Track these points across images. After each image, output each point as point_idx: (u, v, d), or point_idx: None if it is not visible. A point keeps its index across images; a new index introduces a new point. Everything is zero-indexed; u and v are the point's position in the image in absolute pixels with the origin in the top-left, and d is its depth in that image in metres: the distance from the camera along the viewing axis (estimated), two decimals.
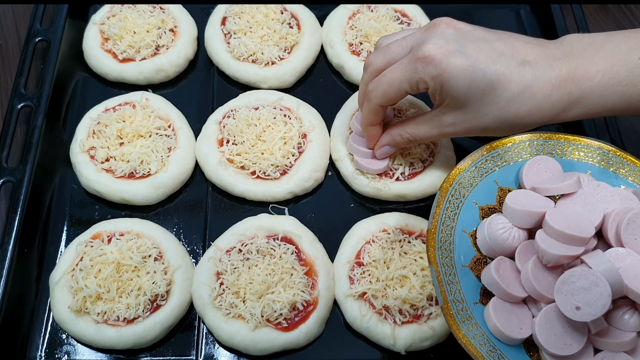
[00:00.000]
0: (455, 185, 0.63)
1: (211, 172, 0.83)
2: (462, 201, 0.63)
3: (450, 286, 0.57)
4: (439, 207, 0.61)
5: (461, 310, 0.57)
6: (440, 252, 0.59)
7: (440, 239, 0.60)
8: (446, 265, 0.59)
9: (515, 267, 0.60)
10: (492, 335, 0.57)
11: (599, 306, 0.52)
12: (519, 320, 0.57)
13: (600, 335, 0.56)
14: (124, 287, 0.72)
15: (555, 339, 0.55)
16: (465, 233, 0.62)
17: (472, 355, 0.54)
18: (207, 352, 0.74)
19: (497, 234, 0.60)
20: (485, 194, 0.65)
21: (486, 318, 0.58)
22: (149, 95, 0.89)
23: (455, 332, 0.55)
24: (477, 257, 0.62)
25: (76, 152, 0.83)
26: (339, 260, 0.77)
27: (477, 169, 0.65)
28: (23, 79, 0.87)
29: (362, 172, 0.83)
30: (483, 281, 0.60)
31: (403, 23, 0.96)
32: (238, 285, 0.72)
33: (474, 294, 0.59)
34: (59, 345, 0.74)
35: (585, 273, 0.53)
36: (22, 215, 0.77)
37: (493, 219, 0.61)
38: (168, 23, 0.95)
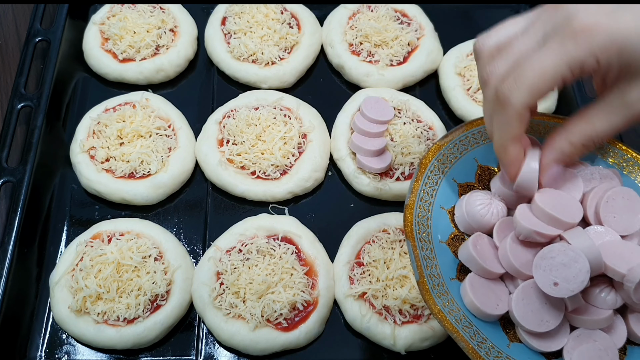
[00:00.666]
0: (434, 162, 0.62)
1: (211, 172, 0.83)
2: (441, 177, 0.62)
3: (426, 261, 0.57)
4: (417, 182, 0.60)
5: (437, 286, 0.56)
6: (418, 227, 0.58)
7: (418, 214, 0.59)
8: (423, 240, 0.58)
9: (492, 244, 0.59)
10: (468, 311, 0.56)
11: (577, 282, 0.52)
12: (496, 297, 0.57)
13: (577, 312, 0.56)
14: (124, 287, 0.72)
15: (531, 316, 0.55)
16: (443, 209, 0.62)
17: (448, 331, 0.53)
18: (207, 352, 0.74)
19: (476, 209, 0.59)
20: (464, 171, 0.64)
21: (462, 294, 0.57)
22: (149, 95, 0.89)
23: (430, 307, 0.54)
24: (455, 234, 0.61)
25: (76, 152, 0.83)
26: (339, 260, 0.77)
27: (456, 146, 0.64)
28: (23, 79, 0.87)
29: (363, 172, 0.83)
30: (460, 257, 0.59)
31: (403, 23, 0.96)
32: (238, 285, 0.72)
33: (451, 270, 0.59)
34: (59, 345, 0.74)
35: (564, 249, 0.53)
36: (22, 215, 0.77)
37: (472, 195, 0.61)
38: (168, 23, 0.95)
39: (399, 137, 0.85)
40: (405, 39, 0.94)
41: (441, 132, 0.87)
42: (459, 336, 0.53)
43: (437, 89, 0.96)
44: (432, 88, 0.96)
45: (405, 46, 0.94)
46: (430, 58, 0.95)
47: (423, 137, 0.85)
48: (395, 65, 0.93)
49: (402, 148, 0.83)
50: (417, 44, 0.95)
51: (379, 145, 0.82)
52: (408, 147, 0.83)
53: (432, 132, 0.86)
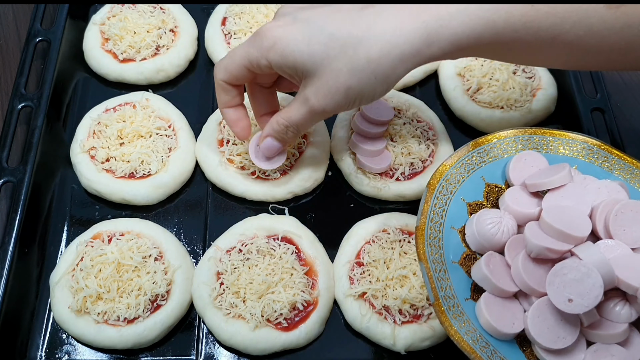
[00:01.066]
0: (442, 182, 0.63)
1: (211, 172, 0.83)
2: (450, 197, 0.63)
3: (440, 282, 0.57)
4: (427, 204, 0.61)
5: (452, 307, 0.56)
6: (430, 249, 0.58)
7: (429, 236, 0.59)
8: (436, 262, 0.58)
9: (505, 262, 0.59)
10: (484, 331, 0.56)
11: (591, 297, 0.52)
12: (511, 315, 0.57)
13: (593, 327, 0.56)
14: (124, 287, 0.72)
15: (547, 333, 0.55)
16: (453, 229, 0.62)
17: (465, 352, 0.54)
18: (207, 352, 0.74)
19: (486, 229, 0.60)
20: (472, 190, 0.65)
21: (478, 314, 0.57)
22: (149, 96, 0.89)
23: (447, 329, 0.55)
24: (467, 253, 0.62)
25: (76, 152, 0.83)
26: (339, 260, 0.77)
27: (463, 165, 0.65)
28: (23, 79, 0.87)
29: (363, 171, 0.83)
30: (473, 277, 0.59)
31: None
32: (238, 285, 0.72)
33: (465, 290, 0.59)
34: (59, 345, 0.74)
35: (576, 265, 0.53)
36: (22, 215, 0.77)
37: (481, 214, 0.61)
38: (168, 23, 0.95)
39: (399, 137, 0.85)
40: None
41: (441, 132, 0.87)
42: (477, 357, 0.53)
43: (437, 89, 0.96)
44: (432, 88, 0.96)
45: None
46: None
47: (423, 137, 0.85)
48: None
49: (402, 148, 0.83)
50: None
51: (379, 145, 0.82)
52: (408, 147, 0.83)
53: (432, 132, 0.86)
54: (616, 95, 0.98)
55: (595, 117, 0.87)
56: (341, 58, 0.58)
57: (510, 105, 0.89)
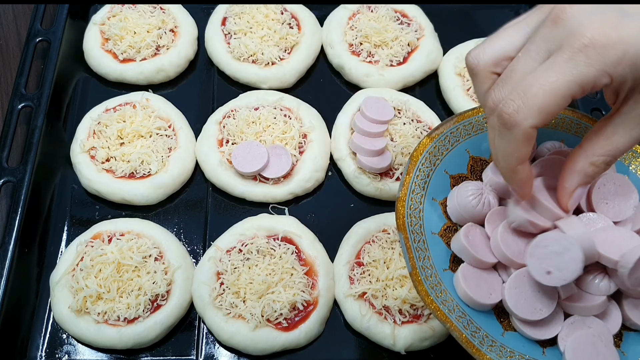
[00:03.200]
0: (425, 154, 0.62)
1: (211, 173, 0.83)
2: (433, 169, 0.62)
3: (419, 252, 0.57)
4: (409, 175, 0.60)
5: (430, 277, 0.56)
6: (410, 219, 0.58)
7: (410, 207, 0.59)
8: (415, 232, 0.58)
9: (485, 234, 0.59)
10: (461, 302, 0.56)
11: (570, 271, 0.51)
12: (489, 286, 0.57)
13: (571, 300, 0.56)
14: (125, 287, 0.72)
15: (525, 304, 0.55)
16: (435, 201, 0.62)
17: (441, 321, 0.53)
18: (207, 351, 0.74)
19: (467, 200, 0.59)
20: (456, 163, 0.64)
21: (455, 284, 0.57)
22: (150, 96, 0.89)
23: (423, 298, 0.54)
24: (447, 225, 0.61)
25: (77, 152, 0.83)
26: (339, 260, 0.77)
27: (447, 138, 0.64)
28: (23, 79, 0.87)
29: (363, 172, 0.83)
30: (452, 248, 0.59)
31: (403, 23, 0.96)
32: (238, 285, 0.72)
33: (444, 261, 0.59)
34: (60, 345, 0.74)
35: (558, 238, 0.52)
36: (22, 215, 0.77)
37: (463, 185, 0.61)
38: (168, 23, 0.95)
39: (399, 137, 0.85)
40: (405, 39, 0.94)
41: None
42: (452, 326, 0.53)
43: (437, 89, 0.96)
44: (432, 88, 0.96)
45: (405, 46, 0.94)
46: (430, 58, 0.95)
47: (423, 137, 0.85)
48: (395, 66, 0.93)
49: (402, 148, 0.83)
50: (417, 45, 0.95)
51: (379, 145, 0.82)
52: (408, 147, 0.83)
53: None
54: None
55: (595, 117, 0.87)
56: None
57: None
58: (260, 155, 0.81)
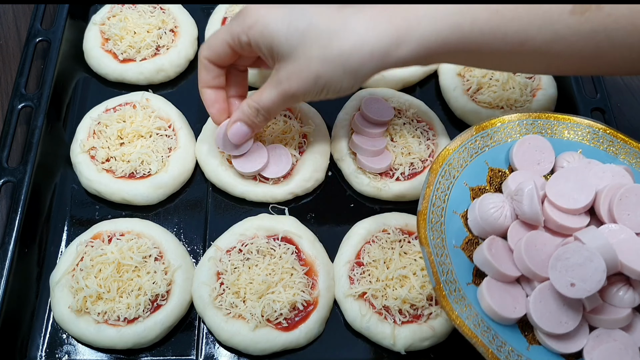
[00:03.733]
0: (445, 166, 0.62)
1: (211, 173, 0.83)
2: (452, 182, 0.62)
3: (442, 267, 0.56)
4: (429, 188, 0.60)
5: (454, 291, 0.56)
6: (432, 233, 0.58)
7: (431, 220, 0.59)
8: (438, 246, 0.58)
9: (507, 247, 0.59)
10: (485, 316, 0.56)
11: (594, 282, 0.51)
12: (513, 300, 0.57)
13: (595, 312, 0.56)
14: (125, 287, 0.72)
15: (549, 317, 0.55)
16: (456, 214, 0.61)
17: (466, 336, 0.53)
18: (207, 351, 0.74)
19: (489, 213, 0.59)
20: (475, 175, 0.64)
21: (479, 298, 0.57)
22: (150, 96, 0.89)
23: (448, 313, 0.54)
24: (469, 238, 0.61)
25: (77, 152, 0.83)
26: (339, 260, 0.77)
27: (466, 150, 0.64)
28: (23, 79, 0.87)
29: (363, 171, 0.83)
30: (475, 261, 0.59)
31: None
32: (238, 285, 0.72)
33: (467, 274, 0.59)
34: (60, 345, 0.74)
35: (579, 249, 0.52)
36: (22, 215, 0.77)
37: (484, 198, 0.61)
38: (168, 23, 0.95)
39: (399, 137, 0.85)
40: None
41: (441, 132, 0.87)
42: (478, 341, 0.53)
43: (437, 89, 0.96)
44: (432, 88, 0.96)
45: None
46: None
47: (423, 137, 0.85)
48: None
49: (402, 148, 0.83)
50: None
51: (379, 145, 0.82)
52: (408, 147, 0.83)
53: (432, 132, 0.86)
54: (616, 95, 0.98)
55: (595, 117, 0.87)
56: (315, 46, 0.61)
57: (510, 105, 0.89)
58: (260, 155, 0.80)
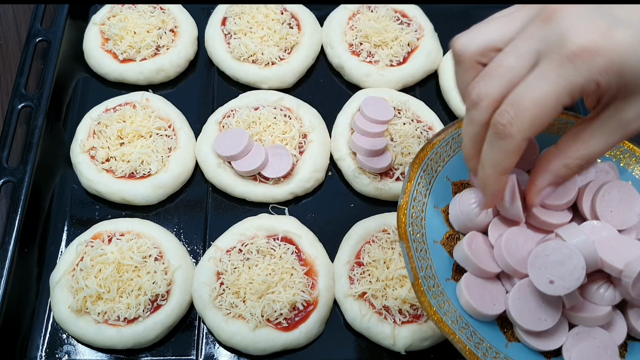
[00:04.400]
0: (427, 161, 0.61)
1: (211, 173, 0.83)
2: (434, 176, 0.61)
3: (421, 262, 0.56)
4: (410, 183, 0.59)
5: (433, 287, 0.55)
6: (411, 228, 0.57)
7: (412, 215, 0.58)
8: (417, 241, 0.57)
9: (488, 243, 0.58)
10: (464, 312, 0.55)
11: (573, 279, 0.51)
12: (492, 297, 0.56)
13: (575, 310, 0.56)
14: (125, 287, 0.72)
15: (529, 314, 0.54)
16: (437, 209, 0.61)
17: (444, 333, 0.53)
18: (207, 351, 0.74)
19: (470, 208, 0.59)
20: (458, 169, 0.63)
21: (458, 294, 0.56)
22: (150, 96, 0.89)
23: (426, 309, 0.53)
24: (450, 233, 0.60)
25: (77, 152, 0.83)
26: (339, 260, 0.77)
27: (449, 144, 0.63)
28: (23, 79, 0.87)
29: (363, 171, 0.83)
30: (455, 257, 0.58)
31: (403, 23, 0.96)
32: (238, 285, 0.72)
33: (446, 270, 0.58)
34: (60, 345, 0.74)
35: (559, 246, 0.52)
36: (22, 215, 0.77)
37: (465, 193, 0.60)
38: (168, 23, 0.95)
39: (399, 137, 0.85)
40: (405, 39, 0.94)
41: None
42: (456, 338, 0.52)
43: (437, 89, 0.96)
44: (432, 88, 0.96)
45: (405, 46, 0.94)
46: (430, 58, 0.95)
47: (423, 137, 0.85)
48: (395, 66, 0.93)
49: (402, 148, 0.83)
50: (417, 45, 0.95)
51: (379, 145, 0.82)
52: (408, 147, 0.83)
53: (432, 132, 0.86)
54: None
55: None
56: None
57: None
58: (257, 155, 0.80)
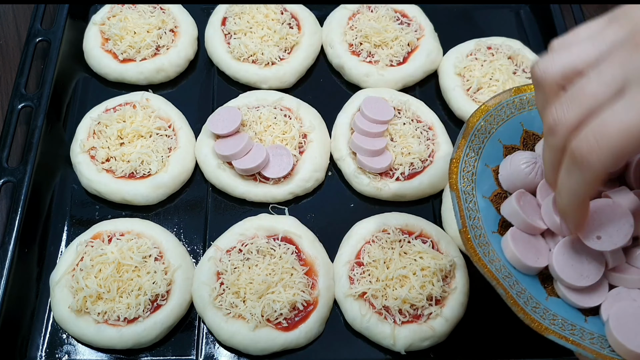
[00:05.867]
0: (481, 121, 0.63)
1: (211, 174, 0.83)
2: (487, 137, 0.64)
3: (469, 212, 0.58)
4: (464, 139, 0.62)
5: (478, 236, 0.57)
6: (462, 180, 0.60)
7: (463, 169, 0.61)
8: (467, 193, 0.59)
9: (535, 202, 0.60)
10: (508, 263, 0.57)
11: (621, 236, 0.52)
12: (536, 250, 0.58)
13: (617, 270, 0.57)
14: (125, 287, 0.72)
15: (571, 270, 0.56)
16: (487, 167, 0.63)
17: (488, 277, 0.54)
18: (207, 351, 0.74)
19: (520, 168, 0.61)
20: (509, 134, 0.65)
21: (503, 246, 0.58)
22: (149, 96, 0.89)
23: (471, 255, 0.55)
24: (498, 191, 0.63)
25: (77, 152, 0.83)
26: (339, 260, 0.77)
27: (503, 109, 0.65)
28: (23, 79, 0.87)
29: (363, 171, 0.83)
30: (503, 212, 0.60)
31: (403, 23, 0.96)
32: (238, 285, 0.72)
33: (493, 224, 0.60)
34: (60, 345, 0.74)
35: (609, 204, 0.53)
36: (22, 215, 0.77)
37: (517, 154, 0.62)
38: (168, 23, 0.95)
39: (399, 137, 0.85)
40: (405, 39, 0.94)
41: (441, 132, 0.87)
42: (499, 284, 0.54)
43: (437, 89, 0.96)
44: (432, 88, 0.96)
45: (405, 46, 0.94)
46: (430, 58, 0.95)
47: (423, 137, 0.85)
48: (395, 66, 0.93)
49: (402, 148, 0.83)
50: (417, 44, 0.95)
51: (379, 145, 0.82)
52: (408, 147, 0.83)
53: (432, 132, 0.86)
54: None
55: None
56: None
57: None
58: (258, 154, 0.80)
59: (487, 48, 0.94)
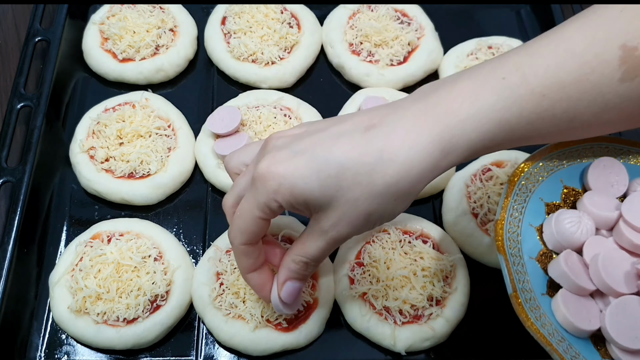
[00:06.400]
0: (522, 180, 0.64)
1: (210, 174, 0.83)
2: (529, 195, 0.64)
3: (518, 275, 0.58)
4: (507, 199, 0.62)
5: (529, 300, 0.57)
6: (509, 242, 0.60)
7: (508, 230, 0.61)
8: (514, 255, 0.59)
9: (582, 261, 0.60)
10: (559, 326, 0.57)
11: None
12: (587, 312, 0.58)
13: None
14: (124, 287, 0.72)
15: (625, 332, 0.55)
16: (531, 226, 0.63)
17: (542, 343, 0.54)
18: (207, 352, 0.74)
19: (565, 227, 0.60)
20: (550, 191, 0.65)
21: (554, 309, 0.58)
22: (149, 95, 0.89)
23: (524, 320, 0.55)
24: (543, 251, 0.62)
25: (76, 152, 0.83)
26: (339, 260, 0.77)
27: (543, 166, 0.65)
28: (22, 79, 0.87)
29: None
30: (550, 273, 0.60)
31: (403, 23, 0.96)
32: (238, 285, 0.72)
33: (541, 285, 0.60)
34: (59, 345, 0.73)
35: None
36: (21, 215, 0.77)
37: (561, 213, 0.62)
38: (168, 23, 0.95)
39: None
40: (406, 38, 0.94)
41: None
42: (553, 349, 0.54)
43: None
44: None
45: (406, 46, 0.94)
46: (431, 58, 0.94)
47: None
48: (396, 65, 0.93)
49: None
50: (417, 44, 0.95)
51: None
52: None
53: None
54: None
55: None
56: (356, 188, 0.53)
57: None
58: None
59: (487, 47, 0.94)
